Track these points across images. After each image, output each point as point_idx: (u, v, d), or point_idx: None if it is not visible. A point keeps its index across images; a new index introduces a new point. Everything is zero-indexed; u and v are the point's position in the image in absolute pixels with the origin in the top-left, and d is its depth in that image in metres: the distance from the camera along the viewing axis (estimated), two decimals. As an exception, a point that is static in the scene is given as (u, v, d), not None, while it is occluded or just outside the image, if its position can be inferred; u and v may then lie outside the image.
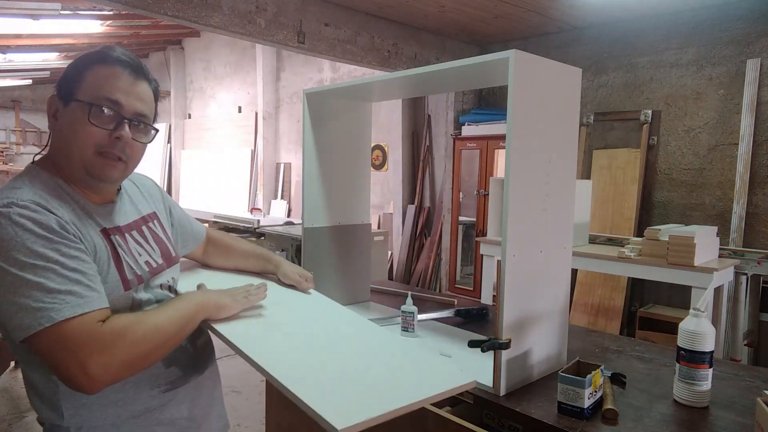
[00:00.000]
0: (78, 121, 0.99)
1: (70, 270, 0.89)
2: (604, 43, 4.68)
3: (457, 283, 5.66)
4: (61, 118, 1.02)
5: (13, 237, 0.87)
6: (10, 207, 0.89)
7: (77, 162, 1.00)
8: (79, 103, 0.99)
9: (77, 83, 1.01)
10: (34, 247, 0.88)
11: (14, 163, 13.40)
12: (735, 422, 1.29)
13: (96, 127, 0.99)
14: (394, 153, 6.32)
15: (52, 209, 0.93)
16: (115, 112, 1.00)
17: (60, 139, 1.02)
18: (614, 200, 4.52)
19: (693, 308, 1.39)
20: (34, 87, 13.59)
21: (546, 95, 1.51)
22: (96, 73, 1.01)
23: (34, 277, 0.86)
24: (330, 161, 2.22)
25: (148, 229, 1.16)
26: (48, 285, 0.86)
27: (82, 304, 0.88)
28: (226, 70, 9.09)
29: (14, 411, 3.21)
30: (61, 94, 1.02)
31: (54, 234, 0.91)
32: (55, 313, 0.85)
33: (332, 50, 4.30)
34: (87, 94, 1.00)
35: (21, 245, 0.87)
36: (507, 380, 1.43)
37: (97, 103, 0.99)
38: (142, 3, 3.29)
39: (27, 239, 0.88)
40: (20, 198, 0.91)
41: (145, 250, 1.11)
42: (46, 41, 8.37)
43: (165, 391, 1.07)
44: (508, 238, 1.40)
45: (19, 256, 0.86)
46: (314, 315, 1.36)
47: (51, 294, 0.86)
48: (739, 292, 3.53)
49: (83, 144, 0.99)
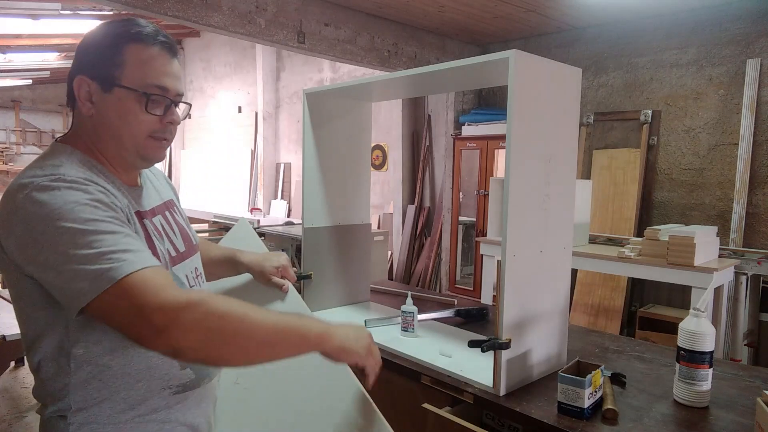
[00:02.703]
0: (131, 110, 0.97)
1: (124, 235, 0.88)
2: (604, 43, 4.68)
3: (457, 283, 5.66)
4: (102, 102, 0.98)
5: (64, 206, 0.85)
6: (59, 181, 0.88)
7: (130, 147, 1.00)
8: (129, 91, 0.97)
9: (117, 66, 0.96)
10: (85, 215, 0.86)
11: (14, 163, 13.40)
12: (735, 422, 1.29)
13: (151, 115, 0.99)
14: (394, 153, 6.32)
15: (101, 185, 0.93)
16: (164, 97, 1.00)
17: (102, 124, 0.99)
18: (614, 200, 4.52)
19: (693, 308, 1.39)
20: (34, 87, 13.59)
21: (546, 95, 1.51)
22: (138, 55, 0.97)
23: (88, 241, 0.84)
24: (330, 161, 2.22)
25: (171, 214, 1.15)
26: (103, 249, 0.84)
27: (143, 260, 0.85)
28: (226, 70, 9.09)
29: (14, 411, 3.21)
30: (95, 76, 0.97)
31: (105, 206, 0.89)
32: (117, 271, 0.82)
33: (332, 50, 4.31)
34: (135, 80, 0.97)
35: (72, 213, 0.85)
36: (507, 380, 1.43)
37: (149, 91, 0.97)
38: (142, 3, 3.29)
39: (79, 209, 0.86)
40: (66, 174, 0.90)
41: (169, 236, 1.09)
42: (46, 41, 8.37)
43: (174, 393, 1.03)
44: (508, 238, 1.40)
45: (70, 224, 0.84)
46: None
47: (110, 254, 0.83)
48: (739, 292, 3.53)
49: (138, 131, 0.99)
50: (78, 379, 0.93)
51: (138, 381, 0.97)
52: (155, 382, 0.99)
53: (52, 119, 14.65)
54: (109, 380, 0.94)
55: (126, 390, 0.96)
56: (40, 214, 0.84)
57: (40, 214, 0.84)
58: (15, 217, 0.86)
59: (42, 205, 0.85)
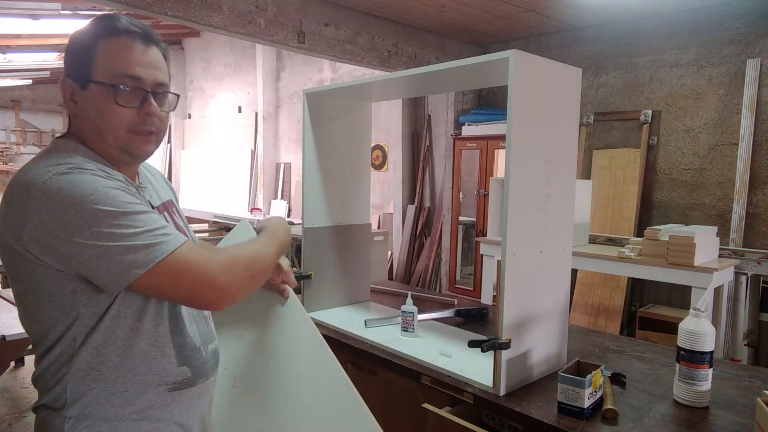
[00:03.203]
0: (103, 104, 0.97)
1: (157, 214, 0.94)
2: (604, 43, 4.68)
3: (457, 283, 5.66)
4: (82, 101, 0.99)
5: (96, 190, 0.88)
6: (78, 169, 0.90)
7: (112, 143, 1.00)
8: (99, 85, 0.96)
9: (89, 62, 0.97)
10: (119, 198, 0.89)
11: (14, 163, 13.40)
12: (735, 422, 1.29)
13: (123, 107, 0.97)
14: (394, 153, 6.32)
15: (117, 177, 0.96)
16: (138, 88, 0.98)
17: (86, 122, 1.00)
18: (614, 200, 4.52)
19: (693, 308, 1.39)
20: (34, 87, 13.59)
21: (546, 95, 1.51)
22: (107, 49, 0.97)
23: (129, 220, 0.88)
24: (330, 161, 2.22)
25: (170, 215, 1.16)
26: (146, 227, 0.89)
27: (181, 237, 0.93)
28: (226, 70, 9.09)
29: (14, 411, 3.21)
30: (74, 76, 0.98)
31: (129, 191, 0.94)
32: (167, 245, 0.89)
33: (332, 50, 4.31)
34: (104, 73, 0.96)
35: (107, 196, 0.88)
36: (507, 380, 1.43)
37: (119, 82, 0.96)
38: (142, 3, 3.29)
39: (113, 193, 0.89)
40: (81, 163, 0.92)
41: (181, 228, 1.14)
42: (46, 41, 8.37)
43: (170, 390, 1.03)
44: (508, 238, 1.40)
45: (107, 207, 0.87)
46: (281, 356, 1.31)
47: (154, 231, 0.90)
48: (739, 292, 3.53)
49: (115, 126, 0.98)
50: (77, 368, 0.94)
51: (136, 375, 0.97)
52: (152, 377, 0.99)
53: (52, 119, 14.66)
54: (107, 371, 0.95)
55: (123, 382, 0.96)
56: (70, 199, 0.86)
57: (71, 199, 0.86)
58: (32, 206, 0.86)
59: (70, 190, 0.86)
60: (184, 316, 1.06)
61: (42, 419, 0.95)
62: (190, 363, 1.06)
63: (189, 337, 1.06)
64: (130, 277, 0.87)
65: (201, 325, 1.11)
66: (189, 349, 1.05)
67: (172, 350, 1.02)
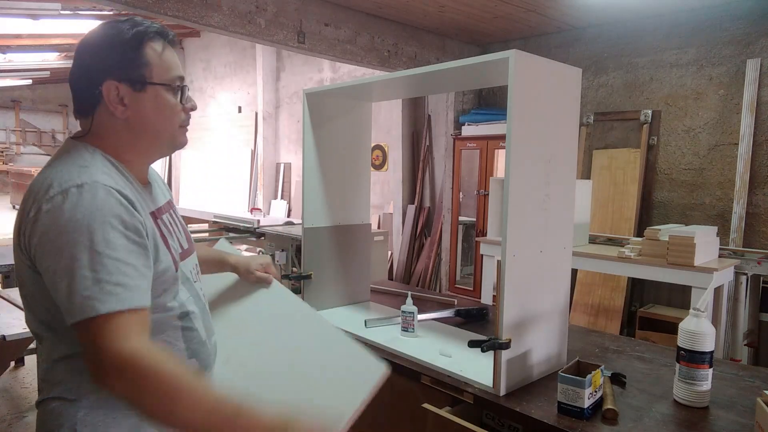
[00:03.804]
0: (167, 103, 1.06)
1: (124, 264, 0.91)
2: (604, 43, 4.68)
3: (457, 283, 5.66)
4: (137, 102, 1.03)
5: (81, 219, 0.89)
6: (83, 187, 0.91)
7: (166, 139, 1.09)
8: (161, 87, 1.05)
9: (143, 66, 1.02)
10: (98, 233, 0.89)
11: (14, 163, 13.39)
12: (735, 422, 1.29)
13: (182, 105, 1.09)
14: (394, 153, 6.32)
15: (122, 189, 0.96)
16: (183, 86, 1.09)
17: (141, 122, 1.04)
18: (614, 200, 4.52)
19: (693, 308, 1.39)
20: (34, 87, 13.58)
21: (546, 95, 1.51)
22: (156, 52, 1.04)
23: (92, 262, 0.88)
24: (330, 161, 2.22)
25: (174, 213, 1.20)
26: (101, 275, 0.88)
27: (129, 300, 0.89)
28: (226, 70, 9.09)
29: (14, 411, 3.21)
30: (125, 78, 1.01)
31: (121, 222, 0.93)
32: (100, 303, 0.87)
33: (332, 50, 4.31)
34: (162, 75, 1.05)
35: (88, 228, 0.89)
36: (507, 380, 1.43)
37: (177, 83, 1.07)
38: (142, 3, 3.29)
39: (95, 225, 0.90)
40: (92, 178, 0.93)
41: (176, 233, 1.14)
42: (46, 41, 8.37)
43: None
44: (508, 238, 1.40)
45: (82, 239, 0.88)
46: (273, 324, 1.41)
47: (101, 283, 0.88)
48: (739, 292, 3.53)
49: (173, 122, 1.08)
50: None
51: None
52: None
53: (52, 119, 14.64)
54: None
55: None
56: (59, 222, 0.89)
57: (60, 222, 0.89)
58: (39, 218, 0.91)
59: (63, 212, 0.89)
60: (195, 311, 1.11)
61: (53, 409, 0.97)
62: (198, 356, 1.11)
63: (197, 331, 1.10)
64: (68, 320, 0.88)
65: (207, 319, 1.16)
66: (196, 343, 1.10)
67: (183, 344, 1.07)
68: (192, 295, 1.12)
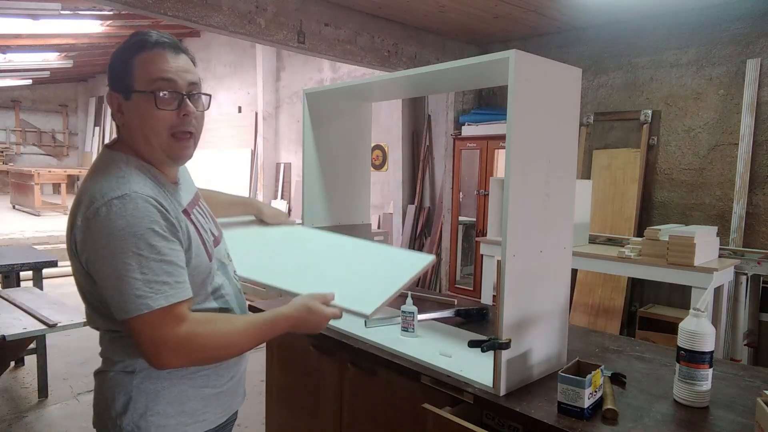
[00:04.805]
0: (146, 110, 1.08)
1: (167, 263, 1.03)
2: (604, 43, 4.68)
3: (457, 283, 5.66)
4: (128, 110, 1.10)
5: (126, 228, 1.00)
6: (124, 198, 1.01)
7: (157, 147, 1.11)
8: (140, 94, 1.08)
9: (129, 76, 1.08)
10: (142, 240, 1.00)
11: (14, 163, 13.39)
12: (735, 422, 1.29)
13: (164, 111, 1.09)
14: (394, 153, 6.33)
15: (156, 196, 1.06)
16: (173, 92, 1.10)
17: (133, 130, 1.11)
18: (614, 200, 4.52)
19: (693, 308, 1.38)
20: (34, 87, 13.58)
21: (546, 95, 1.51)
22: (142, 61, 1.08)
23: (139, 266, 1.00)
24: (330, 161, 2.22)
25: (202, 204, 1.29)
26: (149, 276, 1.00)
27: (175, 295, 1.03)
28: (226, 70, 9.09)
29: (14, 411, 3.21)
30: (118, 89, 1.10)
31: (161, 227, 1.04)
32: (152, 301, 1.00)
33: (332, 50, 4.30)
34: (142, 82, 1.08)
35: (133, 236, 1.00)
36: (507, 380, 1.43)
37: (157, 88, 1.08)
38: (142, 3, 3.29)
39: (139, 233, 1.00)
40: (132, 189, 1.03)
41: (207, 224, 1.24)
42: (46, 41, 8.37)
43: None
44: (508, 238, 1.40)
45: (128, 246, 1.00)
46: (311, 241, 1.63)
47: (150, 284, 1.00)
48: (739, 292, 3.53)
49: (158, 129, 1.09)
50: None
51: None
52: None
53: (52, 119, 14.64)
54: None
55: None
56: (107, 230, 1.00)
57: (107, 231, 1.00)
58: (89, 226, 1.02)
59: (109, 222, 1.00)
60: (230, 294, 1.24)
61: (111, 378, 1.13)
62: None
63: (232, 310, 1.23)
64: (118, 317, 1.03)
65: (240, 297, 1.29)
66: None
67: None
68: (227, 278, 1.25)
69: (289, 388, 2.13)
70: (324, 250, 1.57)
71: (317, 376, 1.98)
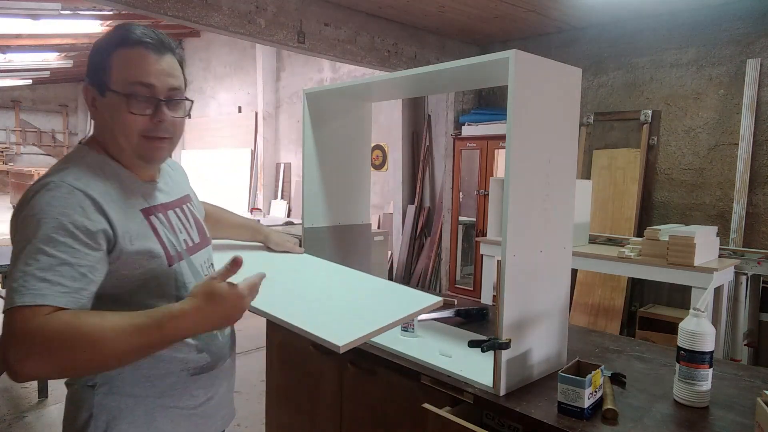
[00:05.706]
0: (118, 111, 1.02)
1: (60, 262, 0.89)
2: (604, 43, 4.68)
3: (457, 283, 5.66)
4: (101, 106, 1.05)
5: (35, 216, 0.91)
6: (46, 187, 0.95)
7: (126, 147, 1.05)
8: (114, 94, 1.02)
9: (106, 71, 1.02)
10: (45, 230, 0.90)
11: (14, 163, 13.39)
12: (735, 422, 1.29)
13: (136, 115, 1.02)
14: (394, 153, 6.33)
15: (88, 189, 0.97)
16: (150, 97, 1.03)
17: (104, 126, 1.06)
18: (614, 200, 4.52)
19: (693, 308, 1.38)
20: (34, 87, 13.58)
21: (546, 95, 1.51)
22: (122, 58, 1.02)
23: (30, 257, 0.88)
24: (330, 161, 2.22)
25: (188, 208, 1.22)
26: (32, 269, 0.87)
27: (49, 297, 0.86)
28: (226, 70, 9.09)
29: (14, 411, 3.21)
30: (94, 84, 1.04)
31: (76, 225, 0.92)
32: (19, 296, 0.85)
33: (332, 50, 4.30)
34: (119, 82, 1.02)
35: (39, 225, 0.90)
36: (507, 380, 1.43)
37: (132, 91, 1.01)
38: (142, 3, 3.29)
39: (46, 223, 0.91)
40: (61, 179, 0.96)
41: (185, 228, 1.16)
42: (46, 41, 8.37)
43: (191, 375, 1.12)
44: (508, 238, 1.40)
45: (30, 235, 0.90)
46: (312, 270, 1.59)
47: (27, 276, 0.86)
48: (739, 292, 3.53)
49: (128, 132, 1.03)
50: None
51: (159, 362, 1.06)
52: (175, 364, 1.09)
53: (52, 119, 14.64)
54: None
55: (147, 368, 1.06)
56: (21, 216, 0.94)
57: (22, 217, 0.94)
58: (16, 210, 0.97)
59: (29, 207, 0.93)
60: None
61: (75, 391, 1.05)
62: (209, 349, 1.14)
63: None
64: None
65: None
66: (207, 336, 1.13)
67: (192, 339, 1.10)
68: None
69: (289, 388, 2.13)
70: (326, 281, 1.51)
71: (317, 376, 1.98)
